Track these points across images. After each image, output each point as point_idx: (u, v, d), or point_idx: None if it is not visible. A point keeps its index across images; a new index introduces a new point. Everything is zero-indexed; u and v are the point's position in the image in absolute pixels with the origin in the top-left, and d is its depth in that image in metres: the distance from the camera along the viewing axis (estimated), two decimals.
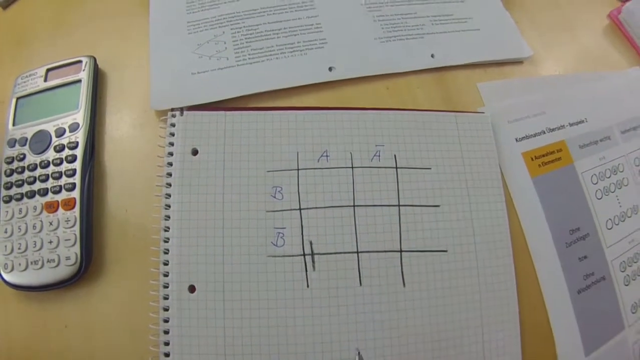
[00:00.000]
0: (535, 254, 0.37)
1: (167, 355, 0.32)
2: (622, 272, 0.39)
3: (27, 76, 0.40)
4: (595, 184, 0.40)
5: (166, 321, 0.33)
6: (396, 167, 0.37)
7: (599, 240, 0.39)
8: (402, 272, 0.35)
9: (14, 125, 0.39)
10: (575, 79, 0.44)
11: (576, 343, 0.36)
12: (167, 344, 0.33)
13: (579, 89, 0.43)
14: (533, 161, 0.39)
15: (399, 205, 0.36)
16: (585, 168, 0.40)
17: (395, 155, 0.38)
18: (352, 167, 0.37)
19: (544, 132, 0.41)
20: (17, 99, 0.40)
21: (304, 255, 0.35)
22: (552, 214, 0.38)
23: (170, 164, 0.36)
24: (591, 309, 0.37)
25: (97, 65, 0.40)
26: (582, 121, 0.42)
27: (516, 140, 0.40)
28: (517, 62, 0.45)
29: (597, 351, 0.36)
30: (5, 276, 0.34)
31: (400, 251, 0.35)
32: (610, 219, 0.39)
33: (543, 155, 0.40)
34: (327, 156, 0.37)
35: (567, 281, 0.37)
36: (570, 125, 0.41)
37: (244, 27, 0.42)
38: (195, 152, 0.36)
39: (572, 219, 0.39)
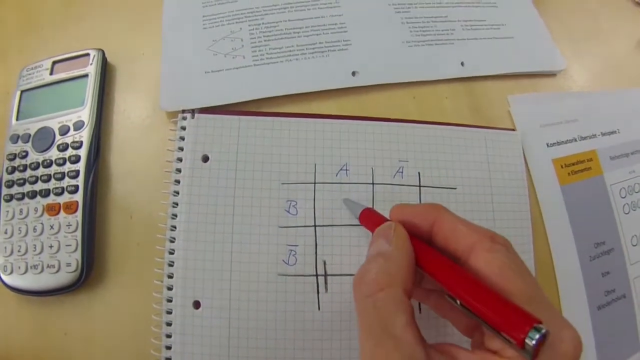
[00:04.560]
0: (559, 268, 0.36)
1: None
2: None
3: (32, 68, 0.38)
4: (623, 197, 0.39)
5: (169, 336, 0.31)
6: (420, 186, 0.35)
7: (623, 257, 0.38)
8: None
9: (17, 119, 0.37)
10: (608, 94, 0.43)
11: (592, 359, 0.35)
12: (168, 359, 0.31)
13: (613, 100, 0.42)
14: (563, 169, 0.38)
15: None
16: (615, 180, 0.39)
17: (419, 173, 0.35)
18: (373, 184, 0.35)
19: (576, 140, 0.39)
20: (22, 92, 0.38)
21: (317, 275, 0.33)
22: (578, 225, 0.37)
23: (179, 171, 0.34)
24: (609, 326, 0.36)
25: (106, 58, 0.38)
26: (615, 132, 0.41)
27: (547, 145, 0.39)
28: (551, 74, 0.42)
29: None
30: (5, 278, 0.33)
31: None
32: (635, 236, 0.38)
33: (573, 164, 0.39)
34: (346, 170, 0.35)
35: (588, 296, 0.36)
36: (603, 135, 0.40)
37: (263, 23, 0.39)
38: (205, 159, 0.34)
39: (598, 232, 0.38)
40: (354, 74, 0.38)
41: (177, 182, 0.34)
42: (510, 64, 0.40)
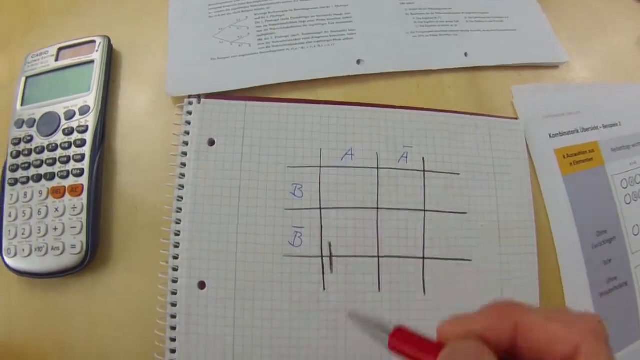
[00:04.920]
0: (562, 254, 0.37)
1: (172, 351, 0.31)
2: None
3: (37, 55, 0.39)
4: (624, 188, 0.40)
5: (173, 317, 0.32)
6: (424, 171, 0.35)
7: (624, 245, 0.38)
8: (423, 280, 0.33)
9: (22, 105, 0.37)
10: (610, 87, 0.43)
11: None
12: (173, 340, 0.31)
13: (615, 93, 0.43)
14: (565, 159, 0.39)
15: (424, 210, 0.34)
16: (616, 171, 0.40)
17: (423, 158, 0.36)
18: (378, 168, 0.35)
19: (577, 132, 0.40)
20: (27, 78, 0.38)
21: (322, 256, 0.33)
22: (580, 213, 0.38)
23: (185, 154, 0.34)
24: (611, 313, 0.36)
25: (112, 45, 0.39)
26: (616, 124, 0.41)
27: (550, 136, 0.39)
28: (553, 66, 0.43)
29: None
30: (8, 261, 0.33)
31: (423, 258, 0.34)
32: (637, 225, 0.39)
33: (575, 154, 0.39)
34: (351, 155, 0.35)
35: (590, 283, 0.36)
36: (604, 127, 0.41)
37: (269, 12, 0.40)
38: (212, 143, 0.34)
39: (600, 220, 0.38)
40: (358, 62, 0.38)
41: (183, 165, 0.34)
42: (513, 55, 0.41)
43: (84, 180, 0.34)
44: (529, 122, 0.39)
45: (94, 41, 0.38)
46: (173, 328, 0.31)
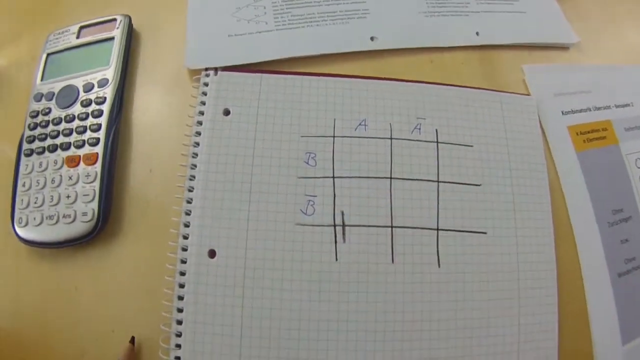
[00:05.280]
0: (578, 231, 0.36)
1: (179, 322, 0.30)
2: None
3: (59, 33, 0.40)
4: (639, 167, 0.39)
5: (182, 286, 0.31)
6: (437, 142, 0.35)
7: None
8: (437, 252, 0.33)
9: (42, 80, 0.38)
10: (622, 69, 0.44)
11: (614, 330, 0.34)
12: (180, 310, 0.30)
13: (625, 75, 0.43)
14: (578, 136, 0.39)
15: (438, 182, 0.34)
16: (631, 150, 0.39)
17: (436, 130, 0.36)
18: (391, 139, 0.35)
19: (590, 110, 0.40)
20: (48, 54, 0.39)
21: (335, 225, 0.32)
22: (595, 190, 0.37)
23: (200, 123, 0.35)
24: (631, 295, 0.35)
25: (132, 24, 0.40)
26: (629, 105, 0.41)
27: (562, 113, 0.39)
28: (563, 47, 0.43)
29: (635, 341, 0.34)
30: (19, 231, 0.33)
31: (437, 229, 0.33)
32: None
33: (588, 132, 0.39)
34: (365, 125, 0.35)
35: (607, 262, 0.35)
36: (617, 107, 0.41)
37: None
38: (227, 113, 0.35)
39: (616, 199, 0.37)
40: (372, 39, 0.39)
41: (198, 134, 0.34)
42: (524, 34, 0.42)
43: (99, 149, 0.34)
44: (541, 99, 0.39)
45: (115, 19, 0.39)
46: (181, 298, 0.31)
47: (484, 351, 0.31)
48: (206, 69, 0.36)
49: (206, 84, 0.36)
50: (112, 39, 0.38)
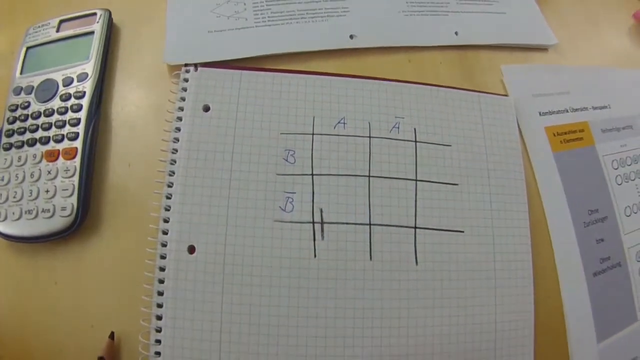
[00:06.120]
0: (554, 231, 0.37)
1: (159, 318, 0.30)
2: (638, 262, 0.38)
3: (39, 27, 0.39)
4: (615, 169, 0.40)
5: (161, 282, 0.31)
6: (415, 141, 0.36)
7: (617, 226, 0.38)
8: (415, 250, 0.33)
9: (21, 74, 0.37)
10: (599, 71, 0.44)
11: (589, 328, 0.35)
12: (160, 305, 0.31)
13: (603, 78, 0.44)
14: (555, 137, 0.39)
15: (416, 180, 0.35)
16: (607, 152, 0.40)
17: (415, 129, 0.36)
18: (370, 137, 0.35)
19: (567, 111, 0.41)
20: (27, 48, 0.39)
21: (314, 222, 0.33)
22: (572, 191, 0.38)
23: (180, 119, 0.34)
24: (606, 294, 0.36)
25: (112, 19, 0.39)
26: (606, 107, 0.42)
27: (540, 114, 0.40)
28: (542, 49, 0.44)
29: (610, 339, 0.35)
30: None
31: (415, 227, 0.34)
32: (629, 206, 0.39)
33: (565, 133, 0.40)
34: (344, 123, 0.35)
35: (583, 261, 0.36)
36: (594, 108, 0.41)
37: None
38: (206, 109, 0.35)
39: (592, 199, 0.38)
40: (351, 37, 0.39)
41: (178, 130, 0.34)
42: (503, 35, 0.42)
43: (78, 143, 0.34)
44: (519, 99, 0.39)
45: (95, 13, 0.39)
46: (160, 293, 0.31)
47: (461, 348, 0.32)
48: (186, 65, 0.36)
49: (186, 80, 0.36)
50: (92, 33, 0.38)
